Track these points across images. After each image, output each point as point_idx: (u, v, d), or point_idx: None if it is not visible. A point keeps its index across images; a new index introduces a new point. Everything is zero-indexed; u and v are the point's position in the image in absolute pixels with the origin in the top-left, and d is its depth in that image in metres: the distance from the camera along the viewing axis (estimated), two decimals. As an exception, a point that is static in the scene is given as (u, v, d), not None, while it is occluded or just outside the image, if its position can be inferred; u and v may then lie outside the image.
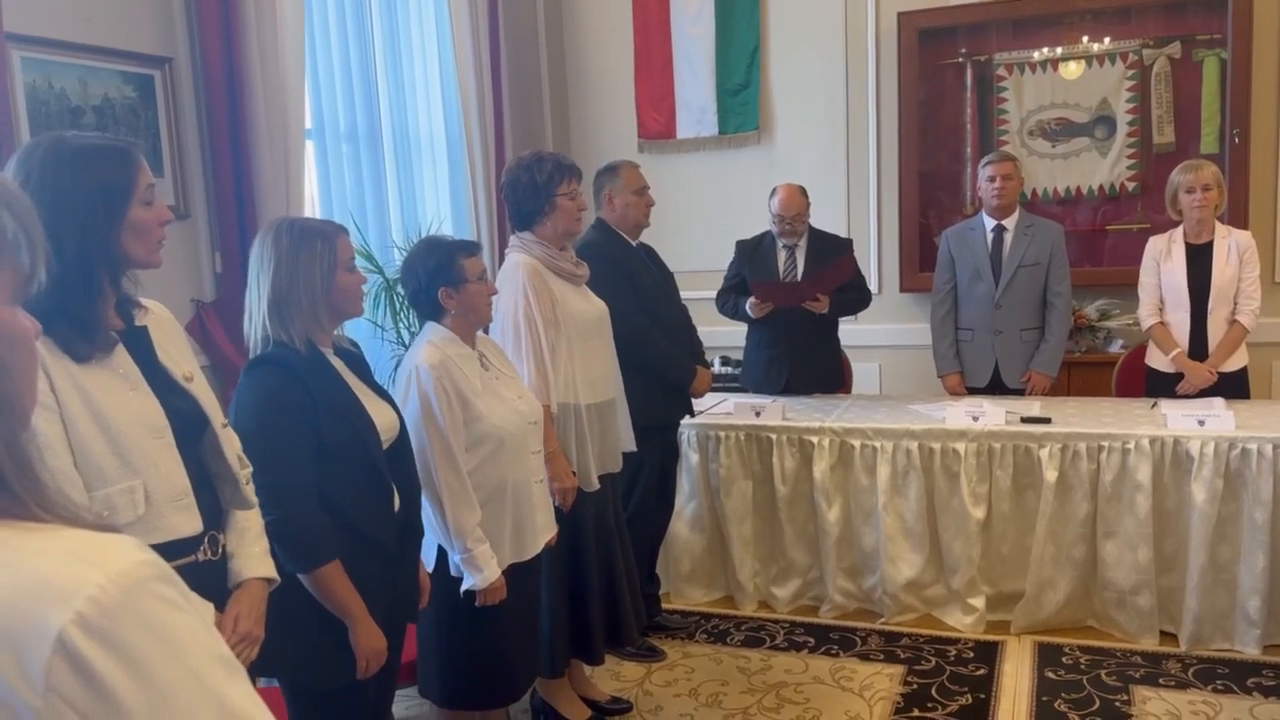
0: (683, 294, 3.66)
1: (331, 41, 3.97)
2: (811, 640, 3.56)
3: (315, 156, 3.88)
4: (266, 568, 1.71)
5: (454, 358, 2.33)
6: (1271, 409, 3.59)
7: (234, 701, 0.68)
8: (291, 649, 1.89)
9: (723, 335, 4.66)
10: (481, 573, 2.28)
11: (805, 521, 3.78)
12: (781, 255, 4.13)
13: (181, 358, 1.66)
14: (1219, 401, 3.57)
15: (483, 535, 2.29)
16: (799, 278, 4.07)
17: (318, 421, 1.88)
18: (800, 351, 4.15)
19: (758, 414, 3.81)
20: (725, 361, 4.96)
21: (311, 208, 3.78)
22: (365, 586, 1.93)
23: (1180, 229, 3.82)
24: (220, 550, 1.65)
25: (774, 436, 3.74)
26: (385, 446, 2.02)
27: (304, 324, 1.92)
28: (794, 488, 3.75)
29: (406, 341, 3.83)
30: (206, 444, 1.64)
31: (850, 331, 4.60)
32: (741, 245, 4.24)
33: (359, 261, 3.64)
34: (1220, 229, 3.77)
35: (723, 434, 3.80)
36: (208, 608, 1.51)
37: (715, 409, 4.01)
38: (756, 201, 4.25)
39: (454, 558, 2.30)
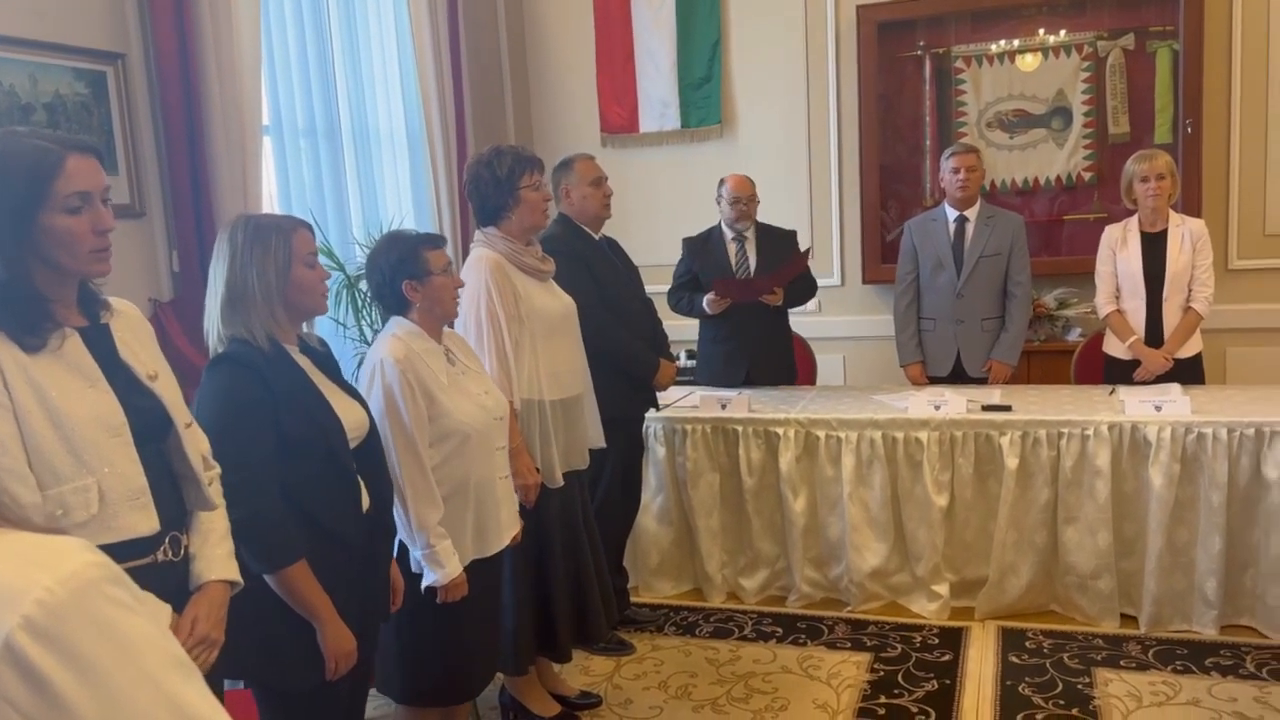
0: (648, 288, 3.65)
1: (288, 35, 3.92)
2: (779, 630, 3.58)
3: (273, 153, 3.84)
4: (229, 570, 1.68)
5: (420, 352, 2.31)
6: (1226, 394, 3.66)
7: (189, 704, 0.67)
8: (260, 650, 1.87)
9: (688, 329, 4.67)
10: (443, 569, 2.27)
11: (772, 512, 3.80)
12: (732, 248, 4.15)
13: (147, 356, 1.64)
14: (1175, 387, 3.62)
15: (444, 531, 2.28)
16: (751, 270, 4.10)
17: (280, 419, 1.85)
18: (758, 343, 4.17)
19: (724, 406, 3.82)
20: (691, 355, 4.97)
21: (270, 205, 3.73)
22: (334, 587, 1.90)
23: (1135, 218, 3.88)
24: (182, 551, 1.63)
25: (740, 428, 3.75)
26: (354, 445, 2.00)
27: (261, 321, 1.89)
28: (760, 479, 3.76)
29: (369, 339, 3.80)
30: (171, 444, 1.62)
31: (814, 323, 4.63)
32: (689, 242, 4.25)
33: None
34: (1174, 217, 3.84)
35: (689, 427, 3.81)
36: (163, 609, 1.49)
37: (681, 402, 4.02)
38: (721, 195, 4.27)
39: (415, 553, 2.28)
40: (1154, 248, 3.81)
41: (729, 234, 4.14)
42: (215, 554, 1.67)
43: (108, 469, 1.48)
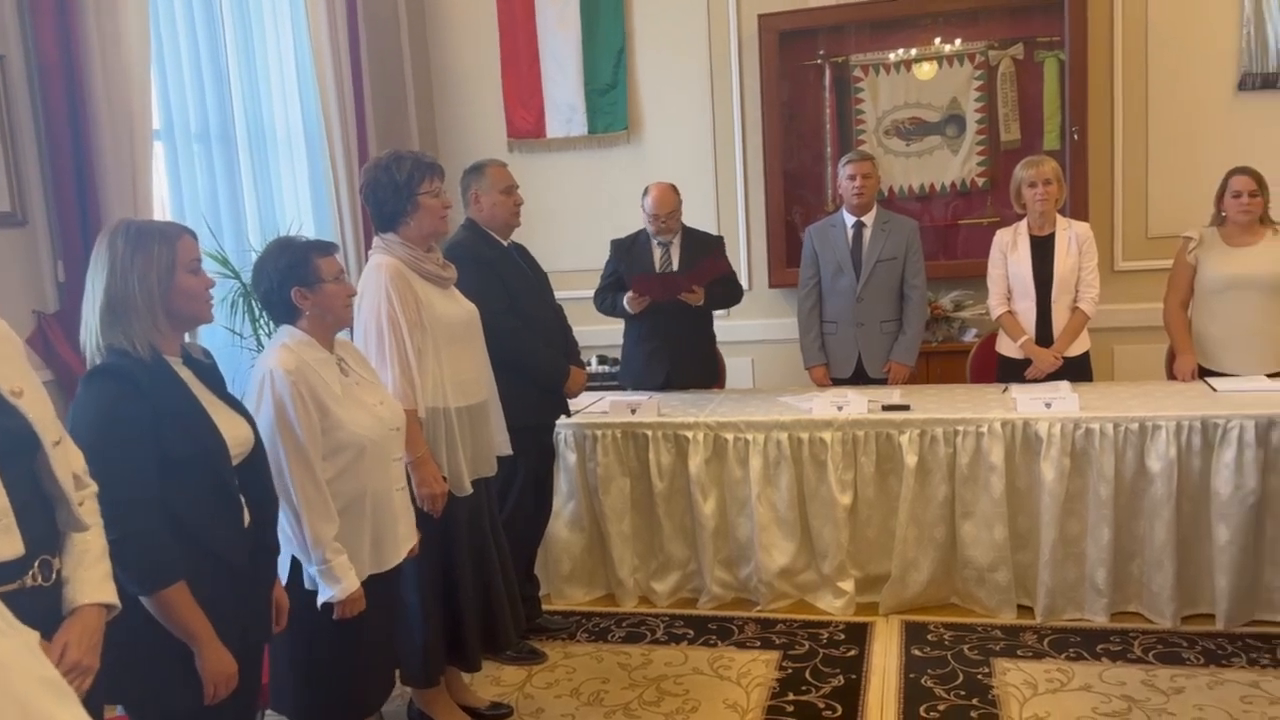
0: (556, 294, 3.64)
1: (179, 34, 3.80)
2: (691, 632, 3.60)
3: (165, 157, 3.71)
4: (104, 593, 1.59)
5: (311, 362, 2.26)
6: (1113, 391, 3.82)
7: None
8: (137, 674, 1.79)
9: (599, 334, 4.68)
10: (340, 584, 2.22)
11: (682, 515, 3.82)
12: (657, 252, 4.18)
13: (11, 371, 1.55)
14: (1065, 385, 3.77)
15: (340, 546, 2.23)
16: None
17: (160, 434, 1.78)
18: (679, 344, 4.21)
19: (633, 411, 3.84)
20: (602, 360, 4.98)
21: (162, 212, 3.62)
22: (216, 608, 1.84)
23: (1025, 222, 4.02)
24: (54, 575, 1.54)
25: (650, 433, 3.77)
26: (237, 461, 1.93)
27: (143, 329, 1.82)
28: (670, 483, 3.79)
29: (269, 348, 3.71)
30: (40, 463, 1.54)
31: (724, 327, 4.68)
32: (617, 244, 4.27)
33: (213, 267, 3.51)
34: (1061, 221, 3.99)
35: (599, 432, 3.81)
36: (32, 635, 1.42)
37: (591, 408, 4.02)
38: (628, 200, 4.29)
39: (310, 569, 2.23)
40: (1043, 251, 3.96)
41: (655, 237, 4.17)
42: (89, 576, 1.57)
43: None
